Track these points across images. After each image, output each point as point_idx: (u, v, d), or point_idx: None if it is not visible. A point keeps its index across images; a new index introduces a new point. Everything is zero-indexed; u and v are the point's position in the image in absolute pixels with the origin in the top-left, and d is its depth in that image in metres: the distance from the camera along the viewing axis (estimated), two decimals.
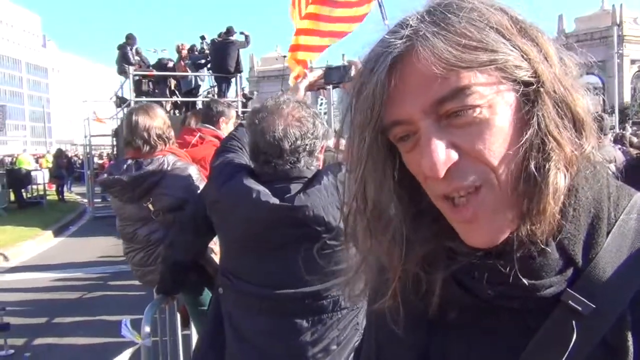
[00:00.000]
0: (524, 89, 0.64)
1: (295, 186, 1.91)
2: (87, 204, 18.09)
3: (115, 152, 16.33)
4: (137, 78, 13.53)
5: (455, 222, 0.68)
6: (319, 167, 2.03)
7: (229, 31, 13.89)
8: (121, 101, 15.18)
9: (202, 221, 2.23)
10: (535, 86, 0.64)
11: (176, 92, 14.36)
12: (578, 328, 0.64)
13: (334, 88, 2.83)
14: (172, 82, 14.46)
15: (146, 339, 2.75)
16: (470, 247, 0.68)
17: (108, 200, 10.72)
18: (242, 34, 14.34)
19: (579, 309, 0.64)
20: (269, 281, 1.92)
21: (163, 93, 13.98)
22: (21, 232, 12.33)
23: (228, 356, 2.04)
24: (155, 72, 14.05)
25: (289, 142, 1.88)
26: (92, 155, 20.07)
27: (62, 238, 12.99)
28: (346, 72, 2.39)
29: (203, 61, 14.62)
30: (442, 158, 0.63)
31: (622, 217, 0.69)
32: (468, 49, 0.62)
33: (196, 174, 3.05)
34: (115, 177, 2.96)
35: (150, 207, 2.95)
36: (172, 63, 14.64)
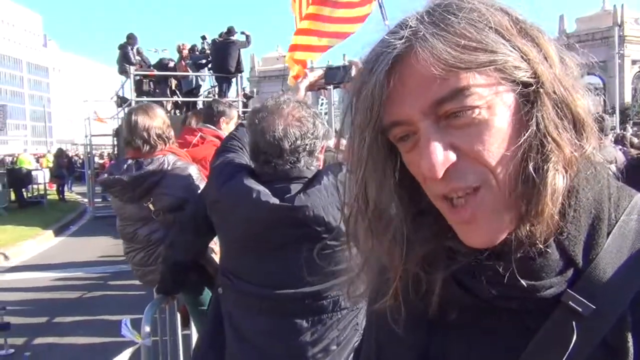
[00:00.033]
0: (524, 90, 0.64)
1: (296, 186, 1.91)
2: (87, 203, 18.09)
3: (116, 151, 16.33)
4: (138, 78, 13.52)
5: (453, 222, 0.68)
6: (319, 167, 2.03)
7: (230, 31, 13.90)
8: (122, 101, 15.18)
9: (202, 221, 2.22)
10: (534, 87, 0.64)
11: (177, 92, 14.36)
12: (578, 329, 0.64)
13: (334, 88, 2.83)
14: (173, 82, 14.46)
15: (146, 338, 2.75)
16: (470, 248, 0.68)
17: (108, 200, 10.73)
18: (243, 33, 14.35)
19: (579, 309, 0.64)
20: (269, 281, 1.92)
21: (164, 93, 13.99)
22: (22, 232, 12.34)
23: (228, 356, 2.04)
24: (156, 72, 14.05)
25: (289, 142, 1.88)
26: (93, 155, 20.06)
27: (62, 238, 12.99)
28: (346, 72, 2.39)
29: (204, 61, 14.62)
30: (441, 159, 0.63)
31: (623, 218, 0.69)
32: (467, 49, 0.62)
33: (196, 173, 3.05)
34: (116, 177, 2.96)
35: (151, 207, 2.95)
36: (173, 63, 14.64)
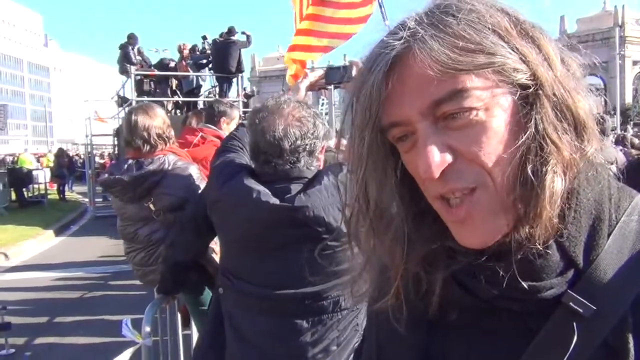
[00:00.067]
0: (522, 92, 0.64)
1: (296, 186, 1.90)
2: (88, 203, 18.11)
3: (116, 151, 16.34)
4: (138, 78, 13.52)
5: (449, 222, 0.69)
6: (320, 168, 2.03)
7: (231, 31, 13.90)
8: (123, 101, 15.18)
9: (202, 221, 2.22)
10: (533, 89, 0.64)
11: (178, 92, 14.36)
12: (579, 330, 0.64)
13: (335, 88, 2.83)
14: (174, 82, 14.47)
15: (147, 338, 2.75)
16: (468, 248, 0.68)
17: (109, 200, 10.72)
18: (244, 33, 14.35)
19: (580, 310, 0.64)
20: (269, 281, 1.92)
21: (164, 93, 13.99)
22: (22, 232, 12.34)
23: (228, 356, 2.03)
24: (156, 72, 14.05)
25: (289, 142, 1.88)
26: (94, 154, 20.06)
27: (63, 237, 13.00)
28: (347, 72, 2.38)
29: (204, 61, 14.63)
30: (437, 160, 0.63)
31: (623, 219, 0.69)
32: (465, 51, 0.62)
33: (197, 173, 3.05)
34: (116, 177, 2.96)
35: (151, 206, 2.95)
36: (173, 63, 14.65)
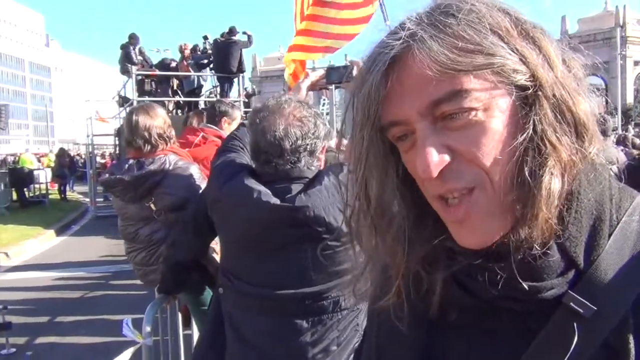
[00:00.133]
0: (522, 93, 0.64)
1: (296, 186, 1.90)
2: (89, 203, 18.14)
3: (117, 151, 16.35)
4: (139, 78, 13.55)
5: (448, 221, 0.69)
6: (320, 168, 2.03)
7: (232, 31, 13.91)
8: (124, 101, 15.19)
9: (203, 221, 2.22)
10: (532, 90, 0.64)
11: (179, 92, 14.38)
12: (579, 330, 0.64)
13: (336, 88, 2.83)
14: (175, 82, 14.48)
15: (147, 338, 2.75)
16: (467, 248, 0.68)
17: (110, 200, 10.73)
18: (245, 33, 14.37)
19: (581, 311, 0.64)
20: (269, 281, 1.92)
21: (165, 93, 14.00)
22: (23, 231, 12.35)
23: (228, 356, 2.03)
24: (157, 72, 14.08)
25: (290, 142, 1.87)
26: (95, 154, 20.09)
27: (64, 237, 13.01)
28: (348, 72, 2.38)
29: (206, 61, 14.65)
30: (435, 160, 0.63)
31: (624, 219, 0.69)
32: (464, 51, 0.62)
33: (198, 173, 3.05)
34: (117, 176, 2.96)
35: (152, 206, 2.95)
36: (175, 63, 14.67)
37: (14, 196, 17.29)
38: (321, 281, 1.86)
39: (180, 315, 3.28)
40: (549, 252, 0.66)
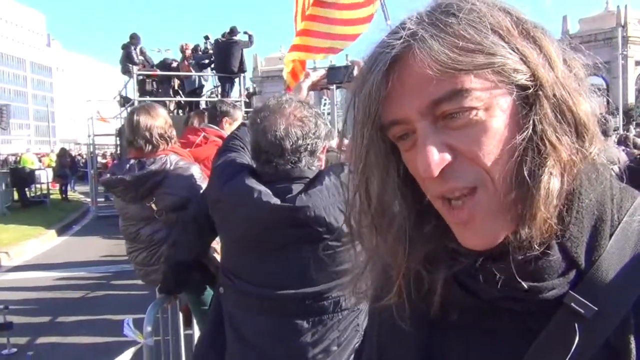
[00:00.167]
0: (522, 93, 0.64)
1: (297, 186, 1.90)
2: (90, 203, 18.13)
3: (118, 151, 16.37)
4: (140, 78, 13.57)
5: (452, 223, 0.69)
6: (321, 168, 2.03)
7: (233, 31, 13.92)
8: (125, 101, 15.20)
9: (204, 221, 2.22)
10: (533, 90, 0.64)
11: (180, 92, 14.39)
12: (580, 330, 0.63)
13: (337, 88, 2.82)
14: (176, 82, 14.50)
15: (148, 338, 2.75)
16: (470, 250, 0.68)
17: (111, 200, 10.73)
18: (246, 33, 14.38)
19: (582, 311, 0.64)
20: (270, 281, 1.92)
21: (167, 93, 14.02)
22: (24, 231, 12.35)
23: (228, 356, 2.03)
24: (159, 72, 14.09)
25: (291, 142, 1.87)
26: (96, 154, 20.12)
27: (65, 237, 13.02)
28: (349, 72, 2.38)
29: (207, 61, 14.66)
30: (436, 159, 0.63)
31: (625, 219, 0.69)
32: (465, 51, 0.62)
33: (199, 173, 3.05)
34: (118, 176, 2.96)
35: (153, 206, 2.95)
36: (176, 63, 14.68)
37: (15, 196, 17.32)
38: (322, 281, 1.86)
39: (181, 315, 3.28)
40: (549, 252, 0.66)
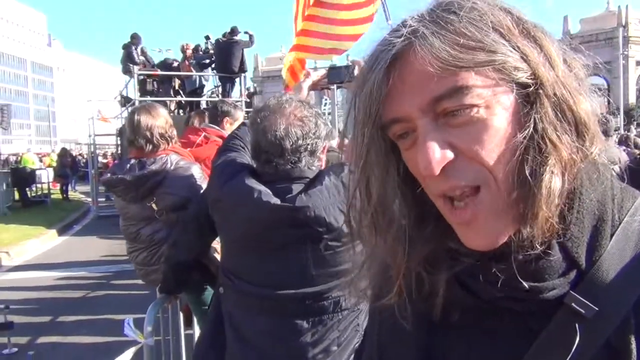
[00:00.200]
0: (523, 91, 0.64)
1: (297, 186, 1.90)
2: (91, 203, 18.14)
3: (119, 151, 16.38)
4: (141, 77, 13.57)
5: (454, 223, 0.68)
6: (321, 168, 2.03)
7: (233, 31, 13.93)
8: (126, 100, 15.22)
9: (205, 221, 2.22)
10: (533, 88, 0.63)
11: (180, 92, 14.40)
12: (581, 331, 0.63)
13: (337, 88, 2.82)
14: (177, 82, 14.51)
15: (149, 338, 2.75)
16: (472, 249, 0.68)
17: (112, 200, 10.75)
18: (247, 33, 14.39)
19: (582, 311, 0.64)
20: (270, 281, 1.92)
21: (167, 93, 14.04)
22: (25, 231, 12.36)
23: (228, 356, 2.03)
24: (159, 72, 14.10)
25: (291, 142, 1.87)
26: (97, 154, 20.14)
27: (66, 237, 13.02)
28: (349, 71, 2.38)
29: (207, 61, 14.67)
30: (438, 157, 0.63)
31: (626, 219, 0.69)
32: (466, 48, 0.62)
33: (199, 173, 3.05)
34: (119, 176, 2.96)
35: (154, 206, 2.95)
36: (176, 63, 14.69)
37: (16, 196, 17.34)
38: (322, 281, 1.86)
39: (181, 315, 3.28)
40: (550, 252, 0.66)
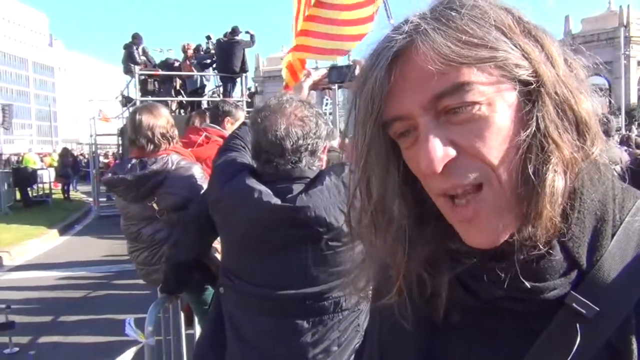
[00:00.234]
0: (524, 88, 0.64)
1: (298, 186, 1.90)
2: (92, 202, 18.14)
3: (120, 151, 16.39)
4: (142, 77, 13.58)
5: (455, 221, 0.68)
6: (322, 168, 2.02)
7: (235, 31, 13.92)
8: (127, 100, 15.22)
9: (205, 221, 2.22)
10: (535, 86, 0.63)
11: (182, 92, 14.40)
12: (582, 331, 0.63)
13: (339, 88, 2.82)
14: (178, 82, 14.51)
15: (150, 338, 2.75)
16: (473, 249, 0.67)
17: (113, 200, 10.75)
18: (248, 33, 14.38)
19: (583, 312, 0.64)
20: (270, 281, 1.92)
21: (168, 92, 14.04)
22: (27, 231, 12.37)
23: (228, 356, 2.03)
24: (160, 72, 14.10)
25: (291, 142, 1.87)
26: (98, 154, 20.18)
27: (67, 237, 13.03)
28: (350, 71, 2.38)
29: (209, 61, 14.67)
30: (440, 154, 0.63)
31: (627, 219, 0.68)
32: (468, 45, 0.62)
33: (200, 173, 3.05)
34: (120, 176, 2.96)
35: (155, 206, 2.95)
36: (178, 63, 14.69)
37: (18, 196, 17.35)
38: (322, 282, 1.85)
39: (182, 315, 3.29)
40: (551, 252, 0.66)
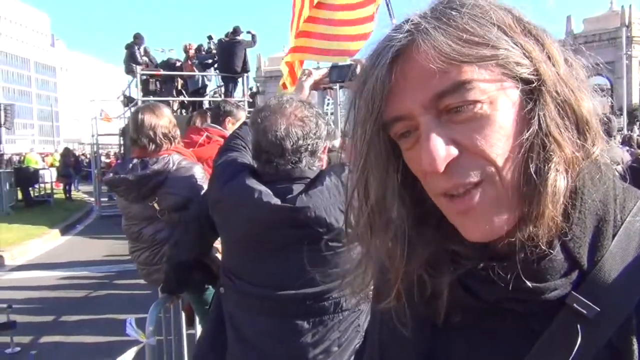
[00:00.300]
0: (526, 87, 0.63)
1: (298, 187, 1.90)
2: (94, 202, 18.18)
3: (122, 151, 16.41)
4: (144, 77, 13.59)
5: (452, 214, 0.67)
6: (322, 168, 2.02)
7: (236, 31, 13.94)
8: (128, 100, 15.25)
9: (206, 221, 2.22)
10: (536, 84, 0.63)
11: (183, 92, 14.42)
12: (583, 331, 0.63)
13: (340, 87, 2.82)
14: (179, 82, 14.53)
15: (151, 337, 2.75)
16: (474, 249, 0.67)
17: (114, 199, 10.76)
18: (249, 33, 14.40)
19: (584, 312, 0.63)
20: (270, 282, 1.92)
21: (170, 92, 14.07)
22: (28, 231, 12.39)
23: (229, 356, 2.03)
24: (162, 72, 14.12)
25: (291, 142, 1.87)
26: (100, 154, 20.20)
27: (68, 237, 13.06)
28: (351, 70, 2.38)
29: (210, 61, 14.69)
30: (442, 153, 0.63)
31: (628, 219, 0.68)
32: (468, 43, 0.62)
33: (201, 173, 3.05)
34: (121, 176, 2.97)
35: (156, 206, 2.95)
36: (179, 63, 14.71)
37: (19, 196, 17.38)
38: (322, 282, 1.85)
39: (183, 315, 3.29)
40: (552, 252, 0.65)
